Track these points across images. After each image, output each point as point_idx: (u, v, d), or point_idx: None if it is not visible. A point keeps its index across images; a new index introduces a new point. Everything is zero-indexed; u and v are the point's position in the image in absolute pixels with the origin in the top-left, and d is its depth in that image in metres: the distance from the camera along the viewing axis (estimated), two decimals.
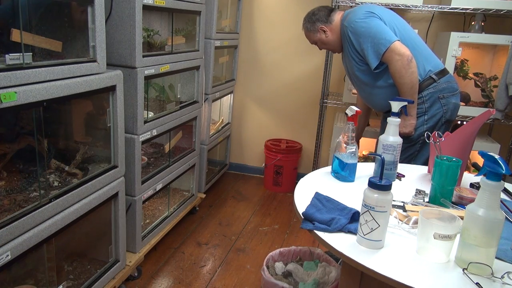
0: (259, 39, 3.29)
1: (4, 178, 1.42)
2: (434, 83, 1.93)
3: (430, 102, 1.93)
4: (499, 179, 0.90)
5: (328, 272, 1.82)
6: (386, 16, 1.93)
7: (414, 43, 1.94)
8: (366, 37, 1.89)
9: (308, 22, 2.16)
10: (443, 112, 1.94)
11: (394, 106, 1.46)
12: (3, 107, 1.14)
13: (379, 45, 1.85)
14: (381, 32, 1.86)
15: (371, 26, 1.88)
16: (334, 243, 1.03)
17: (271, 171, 3.24)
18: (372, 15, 1.91)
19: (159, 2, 1.93)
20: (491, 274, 0.92)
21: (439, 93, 1.92)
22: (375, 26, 1.88)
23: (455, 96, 1.97)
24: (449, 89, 1.94)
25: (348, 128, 1.44)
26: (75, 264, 1.76)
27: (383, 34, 1.86)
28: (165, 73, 2.10)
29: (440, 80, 1.93)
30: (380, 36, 1.85)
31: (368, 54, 1.89)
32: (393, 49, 1.83)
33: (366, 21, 1.90)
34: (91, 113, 1.75)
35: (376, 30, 1.87)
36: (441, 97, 1.93)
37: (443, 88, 1.93)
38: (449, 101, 1.94)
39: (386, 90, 1.97)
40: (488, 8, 2.44)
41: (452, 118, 1.99)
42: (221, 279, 2.10)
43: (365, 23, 1.90)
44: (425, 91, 1.92)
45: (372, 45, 1.87)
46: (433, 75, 1.93)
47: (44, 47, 1.37)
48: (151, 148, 2.45)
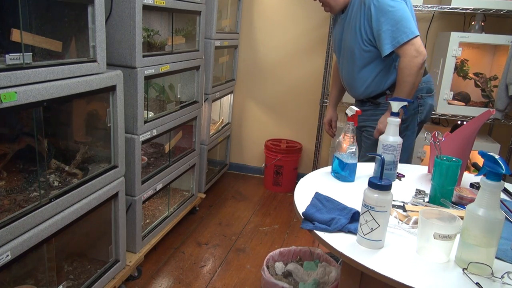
0: (259, 39, 3.29)
1: (4, 178, 1.42)
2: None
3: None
4: (499, 179, 0.90)
5: (328, 272, 1.82)
6: (410, 5, 1.81)
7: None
8: (389, 19, 1.72)
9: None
10: (419, 112, 1.91)
11: (394, 106, 1.46)
12: (3, 107, 1.14)
13: (401, 33, 1.71)
14: (407, 21, 1.72)
15: (398, 9, 1.72)
16: (334, 243, 1.03)
17: (271, 171, 3.24)
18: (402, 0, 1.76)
19: (159, 2, 1.93)
20: (491, 274, 0.92)
21: (418, 92, 1.86)
22: (403, 11, 1.72)
23: (431, 97, 1.94)
24: (427, 89, 1.91)
25: (348, 128, 1.44)
26: (75, 264, 1.76)
27: (409, 23, 1.72)
28: (165, 73, 2.10)
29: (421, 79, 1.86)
30: (405, 24, 1.71)
31: (384, 37, 1.74)
32: (413, 43, 1.71)
33: (395, 2, 1.73)
34: (91, 113, 1.75)
35: (402, 16, 1.72)
36: (419, 97, 1.88)
37: (422, 88, 1.88)
38: (426, 101, 1.91)
39: (370, 79, 1.88)
40: (488, 8, 2.44)
41: (426, 120, 1.96)
42: (221, 279, 2.10)
43: (393, 3, 1.73)
44: None
45: (393, 31, 1.72)
46: None
47: (44, 47, 1.37)
48: (151, 148, 2.45)
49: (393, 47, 1.74)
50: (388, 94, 1.87)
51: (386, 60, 1.84)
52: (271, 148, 3.21)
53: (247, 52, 3.32)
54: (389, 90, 1.87)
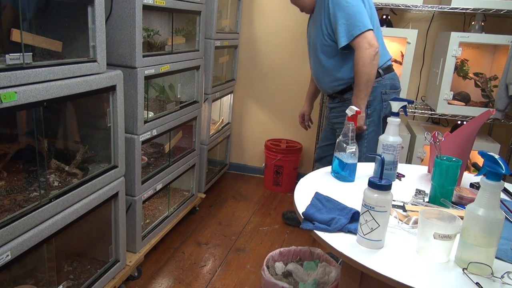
0: (259, 39, 3.29)
1: (4, 178, 1.42)
2: (379, 78, 1.97)
3: (373, 96, 1.97)
4: (499, 179, 0.90)
5: (328, 272, 1.82)
6: (367, 2, 1.95)
7: (379, 37, 1.98)
8: (344, 13, 1.86)
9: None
10: (383, 108, 1.99)
11: (394, 106, 1.46)
12: (3, 107, 1.14)
13: (354, 27, 1.84)
14: (361, 15, 1.85)
15: (353, 5, 1.86)
16: (334, 243, 1.03)
17: (271, 171, 3.24)
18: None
19: (159, 2, 1.93)
20: (491, 274, 0.92)
21: (382, 88, 1.97)
22: (357, 6, 1.86)
23: (396, 94, 2.03)
24: (391, 86, 2.00)
25: (348, 128, 1.44)
26: (75, 264, 1.76)
27: (362, 17, 1.85)
28: (165, 73, 2.10)
29: (385, 76, 1.99)
30: (358, 18, 1.84)
31: (340, 31, 1.87)
32: (366, 36, 1.83)
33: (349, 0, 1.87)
34: (91, 113, 1.75)
35: (357, 10, 1.85)
36: (384, 92, 1.98)
37: (386, 84, 1.99)
38: (390, 97, 1.96)
39: (334, 72, 1.99)
40: (488, 8, 2.44)
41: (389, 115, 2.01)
42: (221, 279, 2.10)
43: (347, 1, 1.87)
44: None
45: (347, 24, 1.85)
46: (380, 70, 1.97)
47: (44, 47, 1.37)
48: (151, 148, 2.45)
49: (347, 39, 1.86)
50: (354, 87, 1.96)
51: (347, 55, 1.93)
52: (271, 148, 3.21)
53: (247, 52, 3.32)
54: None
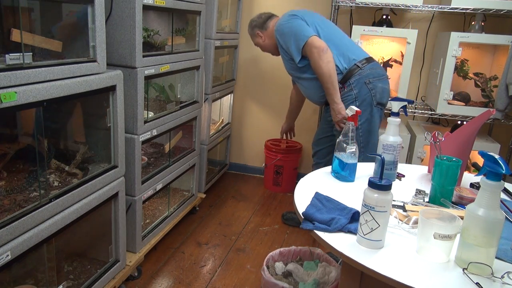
0: None
1: (4, 178, 1.42)
2: (359, 70, 2.09)
3: (358, 88, 2.08)
4: (499, 179, 0.90)
5: (328, 272, 1.82)
6: (307, 17, 2.13)
7: (336, 38, 2.14)
8: (289, 36, 2.10)
9: (249, 27, 2.43)
10: (372, 95, 2.09)
11: (394, 106, 1.46)
12: (3, 107, 1.14)
13: (299, 41, 2.05)
14: (301, 30, 2.07)
15: (293, 26, 2.10)
16: (334, 243, 1.03)
17: (271, 171, 3.24)
18: (294, 17, 2.14)
19: (159, 2, 1.93)
20: (491, 274, 0.92)
21: (365, 78, 2.08)
22: (296, 25, 2.09)
23: (381, 81, 2.12)
24: (373, 74, 2.10)
25: (348, 128, 1.44)
26: (75, 264, 1.76)
27: (303, 31, 2.06)
28: (165, 73, 2.10)
29: (364, 67, 2.09)
30: (300, 33, 2.06)
31: (292, 50, 2.10)
32: (310, 43, 2.02)
33: (289, 22, 2.13)
34: (91, 113, 1.75)
35: (297, 28, 2.08)
36: (367, 82, 2.08)
37: (368, 73, 2.09)
38: (376, 85, 2.09)
39: (314, 82, 2.16)
40: (488, 8, 2.44)
41: (382, 101, 2.13)
42: (221, 279, 2.10)
43: (288, 24, 2.13)
44: (352, 79, 2.09)
45: (294, 42, 2.08)
46: (358, 63, 2.10)
47: (44, 47, 1.37)
48: (151, 148, 2.45)
49: (299, 53, 2.09)
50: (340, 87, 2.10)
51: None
52: (271, 148, 3.21)
53: (247, 52, 3.32)
54: (340, 84, 2.11)
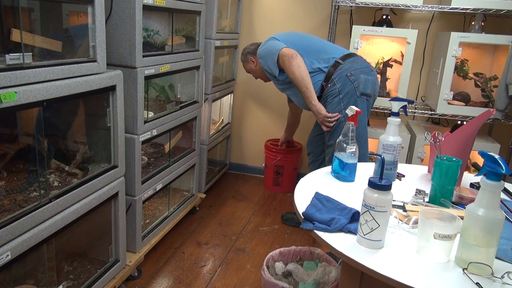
0: (259, 39, 3.28)
1: (4, 178, 1.42)
2: (339, 65, 2.18)
3: (341, 82, 2.16)
4: (499, 179, 0.90)
5: (328, 272, 1.82)
6: (282, 37, 2.29)
7: (312, 45, 2.27)
8: (267, 56, 2.26)
9: (242, 55, 2.56)
10: (355, 87, 2.15)
11: (394, 106, 1.46)
12: (3, 107, 1.14)
13: (274, 56, 2.21)
14: (273, 47, 2.24)
15: (267, 46, 2.28)
16: (334, 243, 1.03)
17: (271, 171, 3.24)
18: (269, 39, 2.30)
19: (159, 2, 1.93)
20: (491, 274, 0.92)
21: (346, 71, 2.16)
22: (270, 45, 2.27)
23: (364, 73, 2.18)
24: (355, 67, 2.18)
25: (348, 128, 1.44)
26: (75, 264, 1.76)
27: (274, 47, 2.23)
28: (165, 73, 2.10)
29: (344, 62, 2.19)
30: (272, 50, 2.23)
31: (272, 67, 2.25)
32: (281, 54, 2.18)
33: (264, 45, 2.30)
34: (91, 113, 1.75)
35: (271, 47, 2.25)
36: (349, 74, 2.15)
37: (349, 67, 2.17)
38: (358, 76, 2.16)
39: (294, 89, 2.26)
40: (488, 8, 2.44)
41: (366, 91, 2.18)
42: (221, 279, 2.10)
43: (264, 47, 2.30)
44: (334, 74, 2.18)
45: (271, 58, 2.24)
46: (338, 60, 2.20)
47: (44, 47, 1.37)
48: (151, 148, 2.45)
49: (277, 67, 2.23)
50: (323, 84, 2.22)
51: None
52: (271, 148, 3.21)
53: None
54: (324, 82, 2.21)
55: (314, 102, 2.17)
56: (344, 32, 3.05)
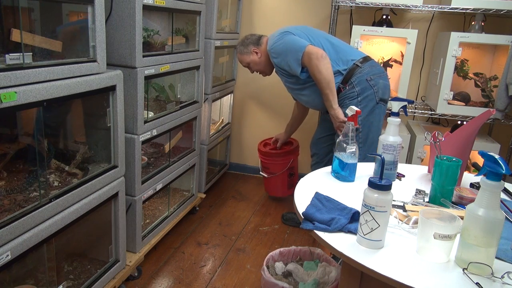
0: None
1: (4, 178, 1.42)
2: (358, 68, 2.13)
3: (360, 86, 2.12)
4: (499, 179, 0.90)
5: (328, 272, 1.82)
6: (297, 31, 2.18)
7: (331, 43, 2.19)
8: (285, 53, 2.14)
9: (241, 45, 2.41)
10: (374, 92, 2.13)
11: (394, 106, 1.46)
12: (3, 107, 1.14)
13: (297, 52, 2.09)
14: (295, 42, 2.11)
15: (285, 42, 2.14)
16: (334, 243, 1.03)
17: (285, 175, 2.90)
18: (285, 34, 2.17)
19: (159, 2, 1.93)
20: (491, 274, 0.92)
21: (366, 75, 2.12)
22: (289, 40, 2.14)
23: (382, 78, 2.17)
24: (374, 71, 2.14)
25: (348, 128, 1.44)
26: (75, 264, 1.76)
27: (297, 43, 2.11)
28: (165, 73, 2.09)
29: (364, 65, 2.14)
30: (295, 46, 2.10)
31: (292, 65, 2.13)
32: (307, 52, 2.06)
33: (281, 40, 2.16)
34: (91, 113, 1.75)
35: (290, 43, 2.13)
36: (369, 79, 2.12)
37: (368, 71, 2.13)
38: (377, 81, 2.13)
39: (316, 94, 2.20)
40: (488, 8, 2.44)
41: (384, 97, 2.17)
42: (221, 279, 2.10)
43: (280, 41, 2.16)
44: (353, 77, 2.13)
45: (292, 56, 2.11)
46: (356, 63, 2.15)
47: (44, 47, 1.37)
48: (151, 148, 2.45)
49: (299, 65, 2.11)
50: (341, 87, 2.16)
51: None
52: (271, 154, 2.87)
53: None
54: (342, 84, 2.15)
55: (335, 106, 2.10)
56: (344, 32, 3.04)
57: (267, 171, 2.93)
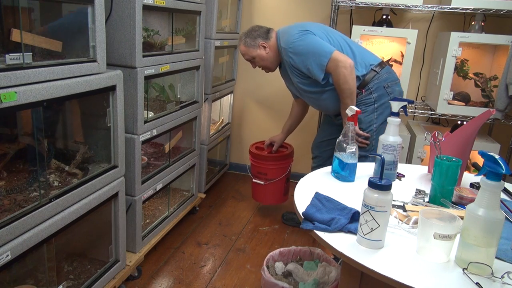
0: None
1: (4, 178, 1.42)
2: (376, 74, 2.07)
3: (378, 92, 2.08)
4: (499, 179, 0.90)
5: (328, 272, 1.82)
6: (317, 31, 2.06)
7: (349, 46, 2.10)
8: (307, 55, 2.00)
9: (248, 37, 2.21)
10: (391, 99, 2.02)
11: (394, 106, 1.46)
12: (3, 107, 1.14)
13: (321, 58, 1.96)
14: (320, 46, 1.98)
15: (308, 43, 2.00)
16: (334, 243, 1.03)
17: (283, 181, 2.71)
18: (306, 32, 2.03)
19: (159, 2, 1.93)
20: (491, 274, 0.92)
21: (383, 82, 2.07)
22: (312, 42, 2.00)
23: (397, 85, 2.14)
24: (390, 78, 2.10)
25: (348, 128, 1.44)
26: (75, 264, 1.76)
27: (322, 47, 1.98)
28: (165, 73, 2.09)
29: (381, 71, 2.08)
30: (319, 50, 1.97)
31: (313, 69, 2.00)
32: (334, 58, 1.95)
33: (302, 39, 2.02)
34: (91, 113, 1.75)
35: (314, 45, 1.99)
36: (386, 86, 2.08)
37: (386, 78, 2.08)
38: (394, 89, 2.10)
39: (330, 96, 2.11)
40: (488, 8, 2.44)
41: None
42: (221, 279, 2.10)
43: (302, 41, 2.01)
44: (370, 83, 2.07)
45: (315, 60, 1.98)
46: (374, 68, 2.08)
47: (44, 47, 1.37)
48: (151, 148, 2.45)
49: (322, 71, 1.99)
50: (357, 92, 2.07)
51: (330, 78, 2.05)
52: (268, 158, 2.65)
53: None
54: (358, 89, 2.07)
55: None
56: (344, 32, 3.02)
57: (263, 177, 2.65)
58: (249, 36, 2.20)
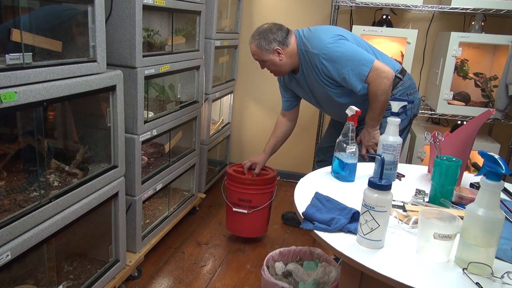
0: None
1: (4, 178, 1.42)
2: (400, 81, 1.99)
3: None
4: (499, 179, 0.90)
5: (328, 272, 1.82)
6: (349, 36, 1.92)
7: (374, 53, 1.97)
8: (345, 62, 1.82)
9: (263, 39, 1.92)
10: (412, 108, 2.02)
11: (394, 106, 1.46)
12: (3, 107, 1.14)
13: (361, 67, 1.81)
14: (359, 54, 1.83)
15: (345, 50, 1.83)
16: (334, 243, 1.03)
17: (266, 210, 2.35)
18: (340, 37, 1.87)
19: (159, 2, 1.93)
20: (491, 274, 0.92)
21: (407, 89, 2.00)
22: (350, 49, 1.84)
23: (417, 92, 2.08)
24: (412, 85, 2.03)
25: (348, 128, 1.44)
26: (75, 264, 1.76)
27: (361, 55, 1.83)
28: (165, 73, 2.10)
29: (404, 78, 2.01)
30: (359, 58, 1.82)
31: (350, 78, 1.83)
32: (375, 69, 1.80)
33: (338, 45, 1.84)
34: (91, 113, 1.75)
35: (352, 52, 1.83)
36: (409, 93, 2.01)
37: (409, 85, 2.01)
38: (415, 96, 2.04)
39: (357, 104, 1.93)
40: (488, 8, 2.45)
41: (417, 112, 2.09)
42: (221, 279, 2.10)
43: (338, 47, 1.84)
44: (394, 90, 1.96)
45: (353, 69, 1.81)
46: (398, 74, 1.96)
47: (44, 47, 1.37)
48: (151, 148, 2.45)
49: (361, 82, 1.83)
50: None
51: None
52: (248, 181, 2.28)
53: (247, 52, 3.30)
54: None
55: (378, 127, 1.92)
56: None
57: (247, 205, 2.28)
58: (264, 38, 1.92)
